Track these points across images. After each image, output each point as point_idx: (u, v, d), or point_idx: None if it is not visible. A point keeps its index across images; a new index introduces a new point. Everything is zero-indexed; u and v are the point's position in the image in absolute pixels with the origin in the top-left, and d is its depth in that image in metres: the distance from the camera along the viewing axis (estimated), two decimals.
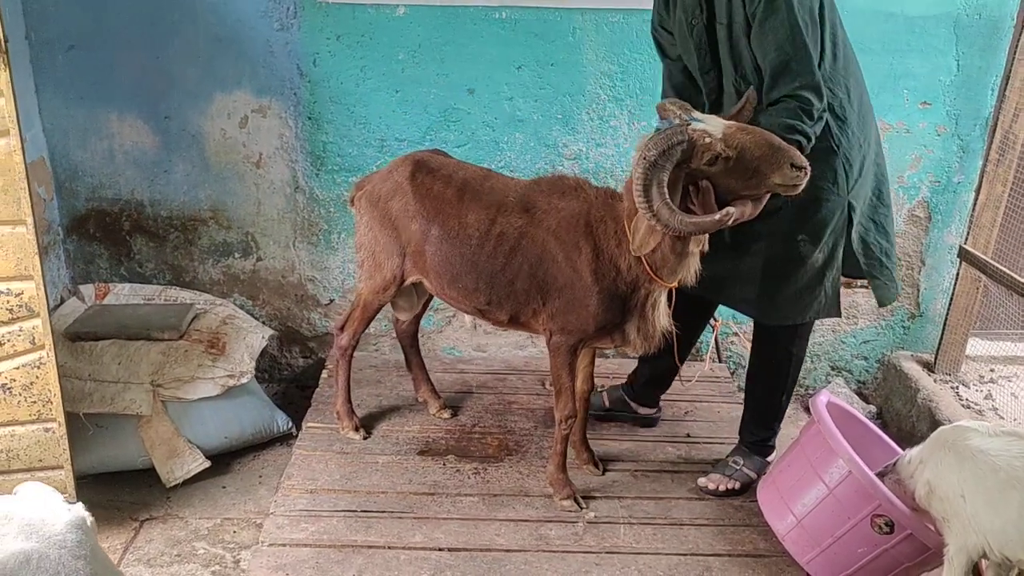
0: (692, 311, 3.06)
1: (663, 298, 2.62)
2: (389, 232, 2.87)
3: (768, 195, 2.36)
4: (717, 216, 2.24)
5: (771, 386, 2.94)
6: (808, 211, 2.58)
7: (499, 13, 3.42)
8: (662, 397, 3.34)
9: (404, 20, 3.44)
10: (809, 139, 2.36)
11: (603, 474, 3.04)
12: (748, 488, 2.94)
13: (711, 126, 2.25)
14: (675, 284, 2.55)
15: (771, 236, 2.64)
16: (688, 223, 2.24)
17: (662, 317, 2.64)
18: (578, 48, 3.47)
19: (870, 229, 2.69)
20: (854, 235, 2.65)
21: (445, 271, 2.78)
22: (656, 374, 3.23)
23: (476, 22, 3.44)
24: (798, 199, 2.45)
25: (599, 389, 3.34)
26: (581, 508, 2.83)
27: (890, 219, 2.76)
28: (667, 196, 2.21)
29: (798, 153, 2.24)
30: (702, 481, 2.96)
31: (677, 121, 2.26)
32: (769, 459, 3.02)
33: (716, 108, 2.59)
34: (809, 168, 2.25)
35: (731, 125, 2.28)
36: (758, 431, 3.00)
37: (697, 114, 2.32)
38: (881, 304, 2.74)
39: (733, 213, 2.24)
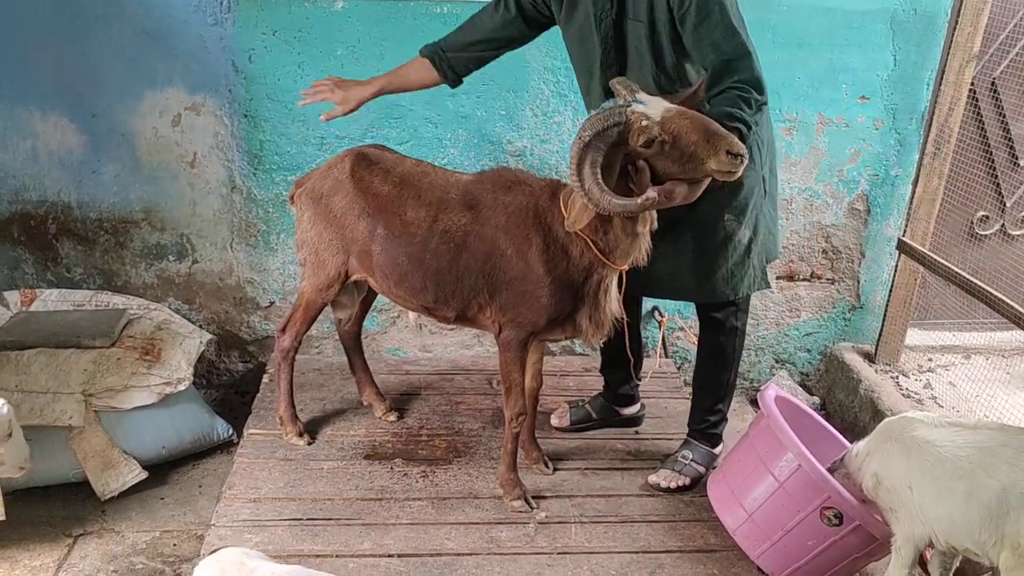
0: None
1: (614, 283, 2.61)
2: (333, 229, 2.81)
3: (708, 180, 2.36)
4: (639, 200, 2.24)
5: (719, 364, 2.96)
6: (733, 192, 2.64)
7: (439, 8, 3.37)
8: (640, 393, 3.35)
9: (342, 15, 3.36)
10: (749, 127, 2.38)
11: (553, 473, 3.02)
12: (698, 483, 2.95)
13: (651, 109, 2.25)
14: (627, 267, 2.55)
15: (701, 223, 2.68)
16: (615, 204, 2.23)
17: (613, 303, 2.63)
18: None
19: (764, 198, 2.77)
20: None
21: (392, 270, 2.73)
22: (618, 377, 3.23)
23: (416, 17, 3.38)
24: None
25: (580, 403, 3.31)
26: (532, 508, 2.81)
27: (777, 187, 2.88)
28: (599, 176, 2.22)
29: (735, 140, 2.24)
30: (652, 479, 2.96)
31: (621, 101, 2.27)
32: (717, 450, 3.03)
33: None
34: (747, 155, 2.25)
35: (671, 109, 2.27)
36: (707, 414, 3.01)
37: (642, 95, 2.31)
38: (768, 261, 2.85)
39: (653, 197, 2.23)
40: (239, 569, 1.86)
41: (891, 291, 3.76)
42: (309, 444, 3.09)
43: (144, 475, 3.04)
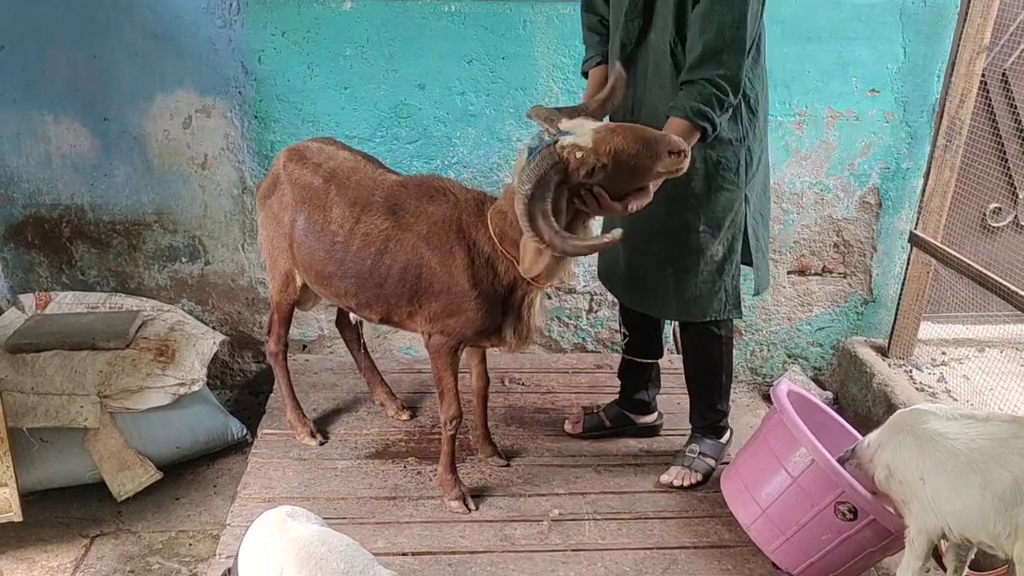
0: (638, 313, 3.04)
1: (539, 299, 2.60)
2: (275, 227, 2.85)
3: (661, 178, 2.31)
4: (607, 239, 2.22)
5: (709, 371, 2.93)
6: (709, 200, 2.60)
7: (448, 6, 3.37)
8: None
9: (351, 15, 3.37)
10: (715, 128, 2.35)
11: (508, 465, 3.03)
12: (709, 477, 2.94)
13: (580, 137, 2.19)
14: (552, 284, 2.52)
15: (674, 231, 2.65)
16: (582, 247, 2.24)
17: (537, 317, 2.62)
18: (529, 41, 3.43)
19: (758, 221, 2.73)
20: (748, 226, 2.69)
21: (313, 267, 2.74)
22: (635, 381, 3.18)
23: (425, 16, 3.38)
24: (700, 188, 2.55)
25: (594, 410, 3.27)
26: (469, 510, 2.79)
27: (769, 211, 2.84)
28: (554, 224, 2.18)
29: (673, 138, 2.20)
30: (664, 478, 2.94)
31: (547, 138, 2.22)
32: (723, 439, 3.02)
33: (630, 58, 2.56)
34: (688, 150, 2.21)
35: (600, 129, 2.21)
36: (707, 414, 3.00)
37: (565, 123, 2.25)
38: (757, 292, 2.81)
39: (618, 235, 2.19)
40: (279, 526, 2.00)
41: (903, 284, 3.74)
42: (322, 444, 3.11)
43: (159, 476, 3.07)
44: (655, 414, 3.26)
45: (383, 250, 2.60)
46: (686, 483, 2.91)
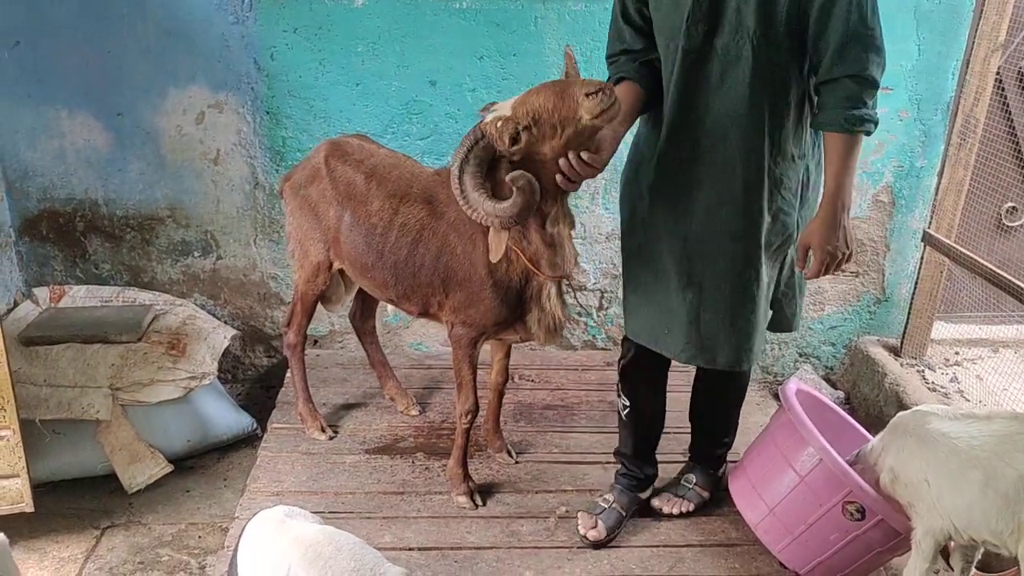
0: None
1: (555, 289, 2.58)
2: (311, 218, 2.87)
3: (600, 127, 2.18)
4: (510, 201, 2.21)
5: (724, 408, 2.83)
6: (770, 223, 2.33)
7: (459, 3, 3.38)
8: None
9: (362, 12, 3.38)
10: (876, 123, 2.14)
11: (516, 462, 3.03)
12: (701, 508, 2.82)
13: (501, 107, 2.24)
14: (560, 275, 2.51)
15: (743, 266, 2.34)
16: (503, 209, 2.23)
17: (558, 308, 2.59)
18: (540, 38, 3.43)
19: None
20: None
21: (356, 259, 2.77)
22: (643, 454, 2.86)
23: (436, 13, 3.39)
24: (763, 209, 2.30)
25: (602, 505, 2.75)
26: (477, 505, 2.79)
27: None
28: (486, 191, 2.25)
29: (586, 79, 2.18)
30: (655, 502, 2.81)
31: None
32: (720, 472, 2.90)
33: (694, 68, 2.25)
34: (608, 86, 2.10)
35: (521, 95, 2.22)
36: (711, 449, 2.87)
37: (496, 104, 2.28)
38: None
39: (517, 175, 2.18)
40: (277, 526, 2.00)
41: (916, 284, 3.71)
42: (331, 438, 3.12)
43: (170, 468, 3.09)
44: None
45: (418, 239, 2.64)
46: (675, 511, 2.79)
